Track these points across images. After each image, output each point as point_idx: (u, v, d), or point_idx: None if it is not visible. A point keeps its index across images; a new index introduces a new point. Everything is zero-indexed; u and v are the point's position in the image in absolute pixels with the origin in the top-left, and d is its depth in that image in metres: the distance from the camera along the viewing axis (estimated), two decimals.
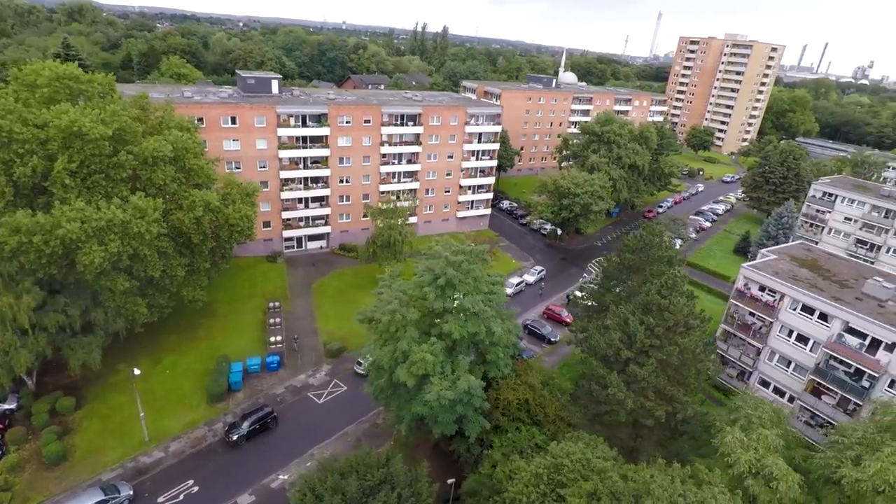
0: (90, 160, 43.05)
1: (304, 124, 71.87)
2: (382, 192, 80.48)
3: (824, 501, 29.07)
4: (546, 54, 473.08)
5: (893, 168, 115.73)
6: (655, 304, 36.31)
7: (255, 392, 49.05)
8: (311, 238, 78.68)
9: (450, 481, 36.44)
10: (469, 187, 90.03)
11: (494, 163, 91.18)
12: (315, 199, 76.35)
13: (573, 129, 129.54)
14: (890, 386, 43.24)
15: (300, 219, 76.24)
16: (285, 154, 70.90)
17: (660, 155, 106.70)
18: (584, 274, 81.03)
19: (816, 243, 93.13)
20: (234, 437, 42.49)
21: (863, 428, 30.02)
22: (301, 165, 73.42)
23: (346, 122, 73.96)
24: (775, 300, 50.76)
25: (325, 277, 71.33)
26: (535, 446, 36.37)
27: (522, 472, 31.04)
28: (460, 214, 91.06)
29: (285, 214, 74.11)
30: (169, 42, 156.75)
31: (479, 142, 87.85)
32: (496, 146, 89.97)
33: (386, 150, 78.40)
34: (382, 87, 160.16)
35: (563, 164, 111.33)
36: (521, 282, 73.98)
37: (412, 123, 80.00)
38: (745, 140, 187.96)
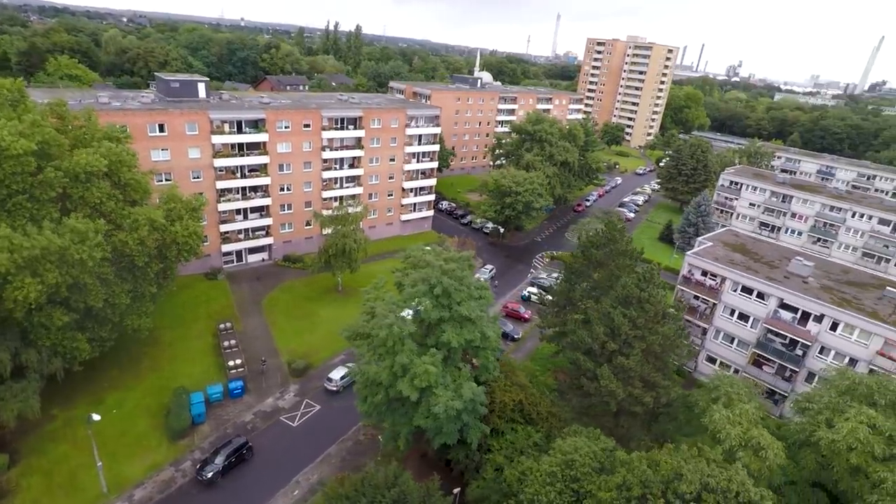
0: (11, 179, 37.55)
1: (240, 130, 67.39)
2: (325, 199, 77.68)
3: (802, 462, 32.43)
4: (454, 53, 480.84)
5: (778, 157, 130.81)
6: (635, 297, 38.29)
7: (221, 423, 45.35)
8: (252, 251, 74.10)
9: (455, 491, 36.04)
10: (411, 190, 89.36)
11: (435, 164, 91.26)
12: (255, 210, 71.93)
13: (500, 129, 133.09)
14: (820, 352, 49.02)
15: (239, 231, 71.49)
16: (221, 163, 66.07)
17: (586, 151, 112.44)
18: (531, 270, 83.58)
19: (726, 228, 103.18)
20: (209, 475, 39.01)
21: (827, 394, 33.84)
22: (238, 174, 68.76)
23: (286, 127, 70.36)
24: (717, 283, 55.54)
25: (274, 292, 67.49)
26: (533, 445, 37.00)
27: (536, 473, 31.43)
28: (404, 217, 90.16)
29: (223, 227, 69.12)
30: (53, 39, 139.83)
31: (419, 143, 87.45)
32: (436, 147, 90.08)
33: (327, 154, 75.65)
34: (302, 88, 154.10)
35: (496, 163, 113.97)
36: None
37: (353, 127, 77.83)
38: (649, 134, 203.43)
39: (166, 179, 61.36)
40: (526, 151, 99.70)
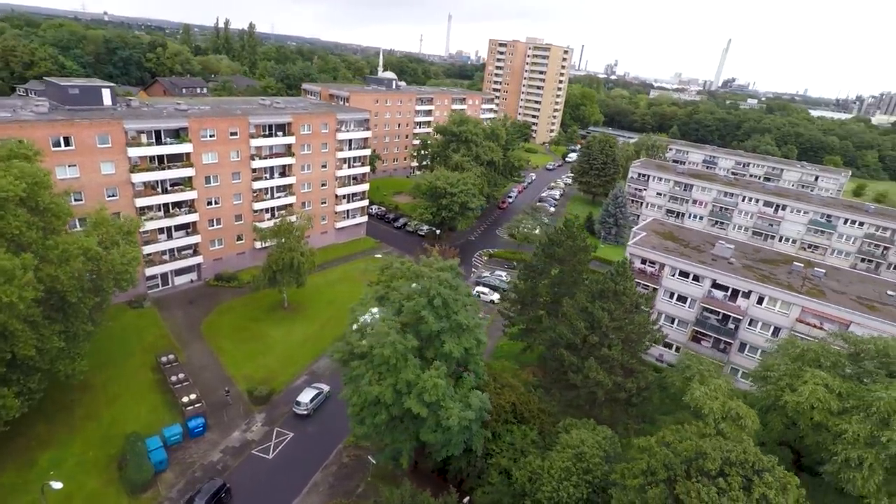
0: None
1: (159, 141, 60.98)
2: (256, 211, 72.91)
3: (770, 425, 36.50)
4: (347, 52, 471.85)
5: (670, 149, 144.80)
6: (611, 290, 40.54)
7: (186, 467, 41.01)
8: (179, 272, 67.58)
9: (465, 500, 35.82)
10: (345, 196, 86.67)
11: (367, 169, 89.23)
12: (180, 227, 65.57)
13: (419, 130, 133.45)
14: (750, 324, 55.28)
15: (164, 252, 64.80)
16: (140, 178, 59.36)
17: (507, 150, 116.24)
18: (472, 269, 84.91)
19: (638, 216, 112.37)
20: None
21: (783, 362, 38.35)
22: (160, 189, 62.30)
23: (211, 136, 64.85)
24: (657, 270, 60.39)
25: (212, 315, 62.10)
26: (531, 443, 37.85)
27: (550, 470, 32.25)
28: (339, 225, 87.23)
29: (146, 249, 62.12)
30: None
31: (349, 148, 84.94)
32: (367, 152, 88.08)
33: (257, 164, 70.91)
34: (200, 90, 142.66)
35: (423, 165, 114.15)
36: None
37: (282, 133, 73.68)
38: (552, 131, 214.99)
39: (76, 199, 53.87)
40: (453, 152, 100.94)
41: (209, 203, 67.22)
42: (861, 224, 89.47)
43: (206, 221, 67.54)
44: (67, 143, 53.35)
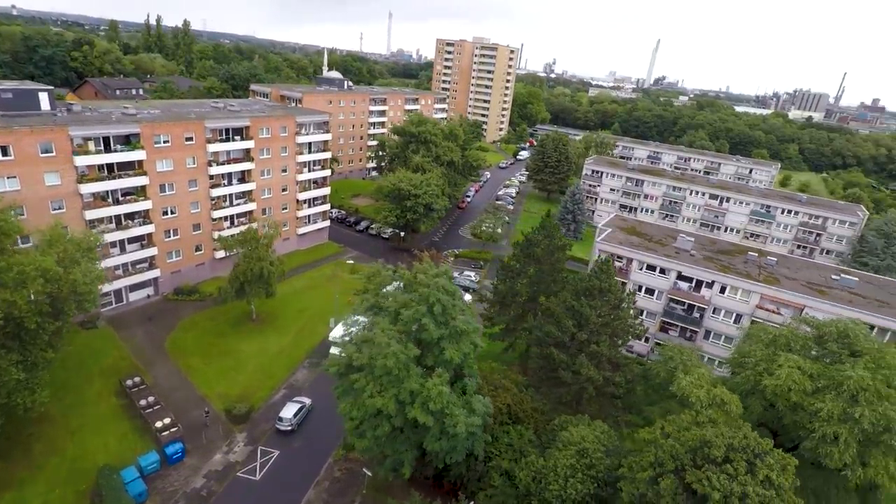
0: None
1: (108, 149, 56.83)
2: (215, 220, 69.57)
3: (751, 408, 38.69)
4: (286, 50, 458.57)
5: (617, 146, 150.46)
6: (597, 288, 41.61)
7: (167, 497, 38.52)
8: (135, 287, 63.44)
9: None
10: (306, 201, 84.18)
11: (328, 172, 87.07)
12: (134, 240, 61.51)
13: (373, 131, 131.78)
14: (714, 312, 58.39)
15: (118, 266, 60.56)
16: (89, 188, 55.19)
17: (465, 150, 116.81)
18: None
19: (593, 212, 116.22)
20: None
21: (757, 348, 40.70)
22: (111, 200, 58.17)
23: (165, 142, 61.15)
24: (625, 264, 62.59)
25: (175, 332, 58.67)
26: (528, 442, 38.26)
27: (556, 469, 32.73)
28: (301, 231, 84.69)
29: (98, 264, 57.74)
30: None
31: (309, 152, 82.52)
32: (328, 154, 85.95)
33: (215, 170, 67.54)
34: (137, 92, 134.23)
35: (381, 166, 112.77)
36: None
37: (240, 138, 70.60)
38: (501, 129, 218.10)
39: (18, 214, 49.22)
40: (413, 153, 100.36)
41: (165, 213, 63.42)
42: (796, 213, 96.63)
43: (161, 232, 63.69)
44: (5, 153, 48.73)
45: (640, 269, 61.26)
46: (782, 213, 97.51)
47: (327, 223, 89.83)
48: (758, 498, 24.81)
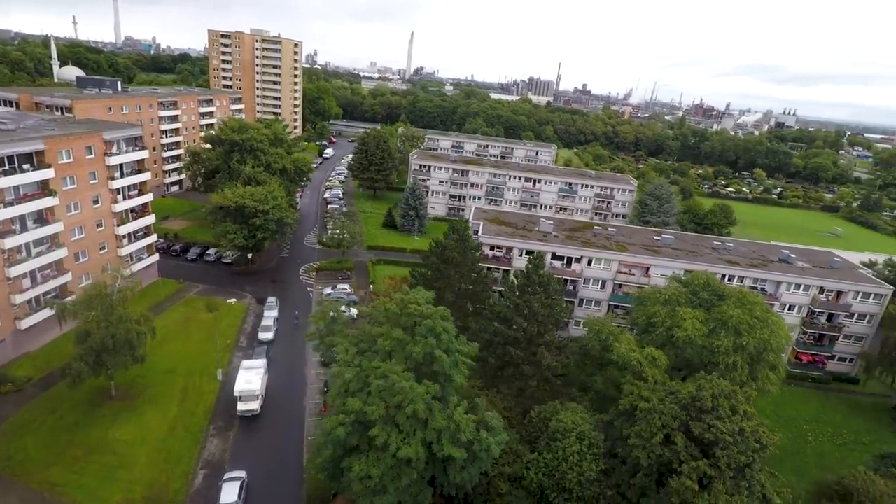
0: None
1: None
2: (11, 279, 52.02)
3: (668, 356, 46.65)
4: None
5: (429, 138, 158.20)
6: (535, 282, 44.79)
7: None
8: None
9: None
10: (125, 236, 68.30)
11: (149, 197, 71.89)
12: None
13: (167, 139, 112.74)
14: (584, 283, 67.85)
15: None
16: None
17: (290, 154, 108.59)
18: (308, 287, 78.83)
19: (426, 206, 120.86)
20: None
21: (660, 309, 49.14)
22: None
23: None
24: (505, 253, 67.88)
25: (3, 444, 42.74)
26: (515, 441, 39.77)
27: (568, 458, 35.12)
28: (126, 272, 68.41)
29: None
30: None
31: (122, 175, 66.91)
32: (146, 176, 70.86)
33: (1, 213, 50.15)
34: None
35: (197, 182, 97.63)
36: (273, 320, 65.82)
37: (30, 167, 53.48)
38: (296, 127, 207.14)
39: None
40: (239, 164, 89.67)
41: None
42: (591, 187, 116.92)
43: None
44: None
45: (521, 255, 67.26)
46: (582, 188, 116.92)
47: (156, 257, 74.64)
48: (749, 430, 31.24)
